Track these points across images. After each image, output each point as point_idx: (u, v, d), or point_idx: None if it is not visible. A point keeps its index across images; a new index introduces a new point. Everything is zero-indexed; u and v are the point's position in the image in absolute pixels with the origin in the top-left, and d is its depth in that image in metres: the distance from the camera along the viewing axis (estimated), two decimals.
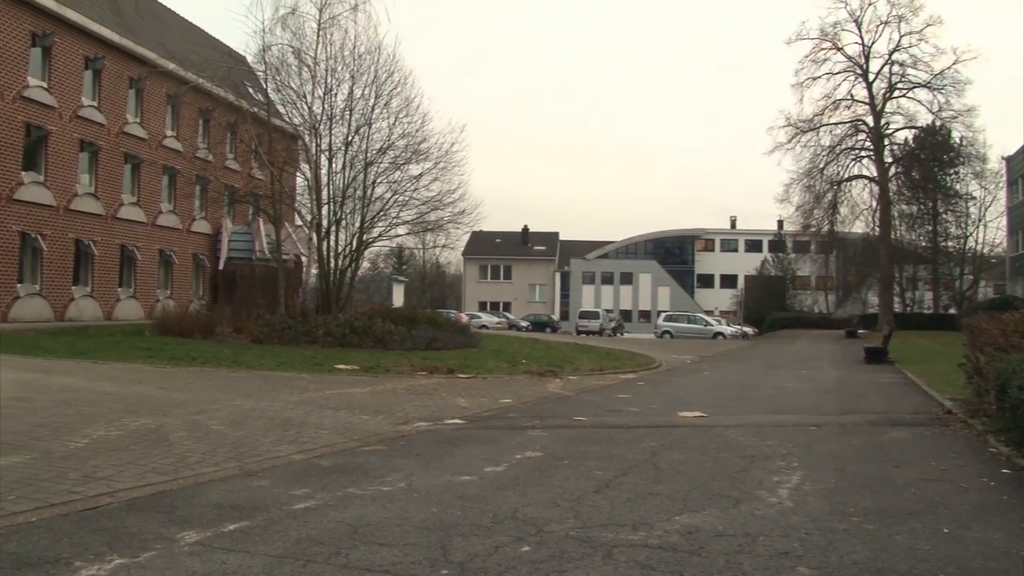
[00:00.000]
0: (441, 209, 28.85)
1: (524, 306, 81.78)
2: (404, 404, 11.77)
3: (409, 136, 27.95)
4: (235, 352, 18.99)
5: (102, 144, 31.60)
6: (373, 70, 27.34)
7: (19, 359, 15.65)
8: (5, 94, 27.00)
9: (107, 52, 31.51)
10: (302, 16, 26.48)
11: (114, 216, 32.48)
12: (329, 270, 26.86)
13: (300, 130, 28.40)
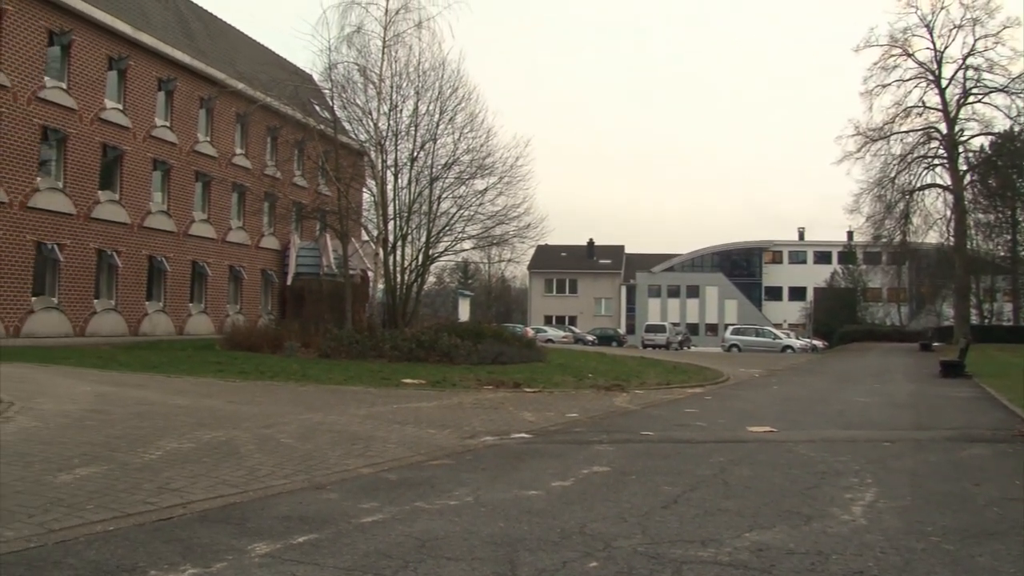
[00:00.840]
0: (506, 223, 28.97)
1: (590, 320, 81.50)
2: (471, 418, 11.79)
3: (474, 151, 28.16)
4: (303, 366, 19.22)
5: (174, 163, 32.38)
6: (437, 86, 27.61)
7: (96, 372, 16.05)
8: (84, 116, 27.84)
9: (179, 73, 32.31)
10: (367, 34, 26.87)
11: (186, 233, 33.21)
12: (395, 285, 27.09)
13: (366, 146, 28.76)
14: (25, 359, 17.81)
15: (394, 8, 26.48)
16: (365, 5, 26.52)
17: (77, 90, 27.65)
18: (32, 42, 25.95)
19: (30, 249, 26.01)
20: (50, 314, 26.71)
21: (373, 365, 20.57)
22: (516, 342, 26.07)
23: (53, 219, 26.78)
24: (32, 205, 25.95)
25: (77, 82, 27.67)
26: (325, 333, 23.88)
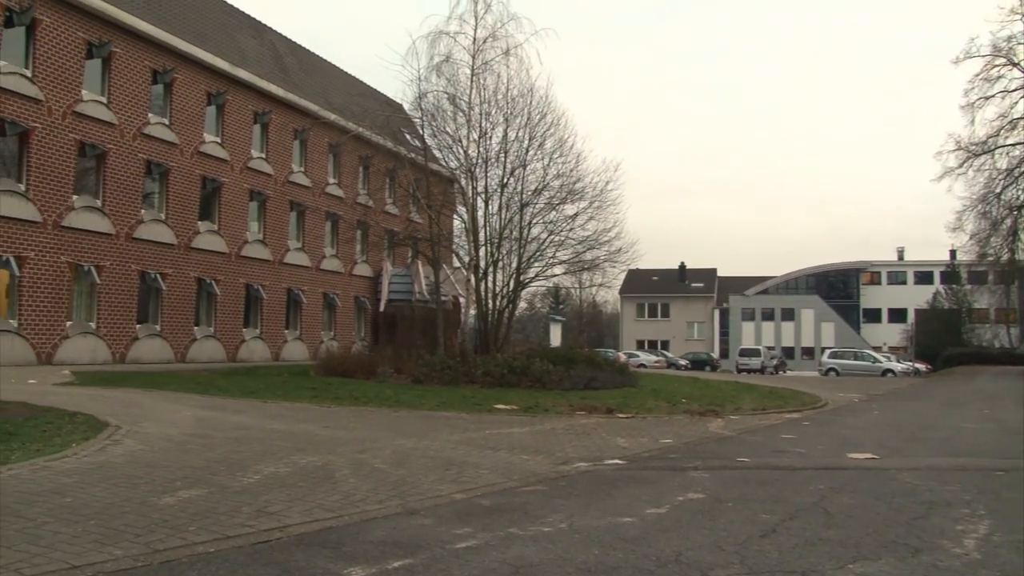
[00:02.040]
0: (597, 248, 28.81)
1: (682, 344, 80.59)
2: (563, 444, 11.71)
3: (564, 176, 28.12)
4: (396, 392, 19.37)
5: (270, 193, 33.24)
6: (526, 112, 27.69)
7: (196, 398, 16.46)
8: (185, 150, 28.83)
9: (274, 106, 33.24)
10: (456, 63, 27.15)
11: (281, 261, 34.01)
12: (487, 311, 27.17)
13: (457, 173, 29.00)
14: (130, 384, 18.39)
15: (482, 37, 26.74)
16: (453, 35, 26.85)
17: (178, 125, 28.68)
18: (137, 81, 27.03)
19: (135, 278, 26.98)
20: (153, 341, 27.61)
21: (465, 391, 20.62)
22: (608, 367, 25.85)
23: (156, 249, 27.74)
24: (137, 236, 26.94)
25: (178, 117, 28.70)
26: (418, 359, 24.05)
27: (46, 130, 23.91)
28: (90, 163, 25.78)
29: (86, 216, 25.21)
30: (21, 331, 23.15)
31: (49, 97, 24.00)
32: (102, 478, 7.82)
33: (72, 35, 24.77)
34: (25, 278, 23.30)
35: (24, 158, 23.57)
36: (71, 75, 24.73)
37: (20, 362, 22.69)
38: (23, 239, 23.25)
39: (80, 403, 13.65)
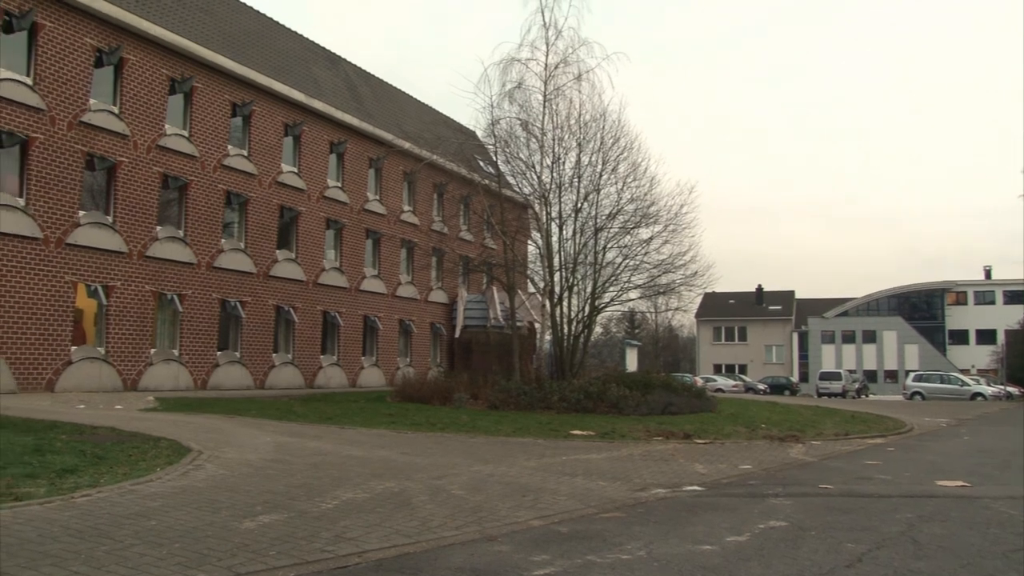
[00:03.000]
0: (672, 272, 28.55)
1: (760, 368, 79.30)
2: (641, 470, 11.56)
3: (638, 200, 27.98)
4: (472, 418, 19.38)
5: (346, 221, 33.75)
6: (599, 137, 27.64)
7: (275, 423, 16.68)
8: (263, 180, 29.47)
9: (349, 136, 33.80)
10: (528, 89, 27.26)
11: (357, 288, 34.44)
12: (562, 336, 27.08)
13: (530, 199, 29.06)
14: (211, 410, 18.75)
15: (553, 63, 26.81)
16: (525, 61, 26.98)
17: (257, 156, 29.34)
18: (217, 114, 27.76)
19: (215, 307, 27.57)
20: (233, 367, 28.15)
21: (541, 416, 20.55)
22: (685, 392, 25.54)
23: (236, 278, 28.33)
24: (217, 265, 27.56)
25: (257, 149, 29.37)
26: (493, 385, 24.05)
27: (132, 163, 24.68)
28: (173, 195, 26.51)
29: (169, 246, 25.89)
30: (108, 358, 23.82)
31: (135, 132, 24.79)
32: (185, 502, 7.95)
33: (156, 72, 25.57)
34: (112, 307, 24.00)
35: (111, 191, 24.36)
36: (155, 110, 25.52)
37: (107, 388, 23.35)
38: (110, 269, 23.96)
39: (164, 428, 13.95)
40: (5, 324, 21.14)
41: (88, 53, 23.58)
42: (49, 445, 11.09)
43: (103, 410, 17.79)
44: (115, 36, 24.22)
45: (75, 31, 23.21)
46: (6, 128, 21.39)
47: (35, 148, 22.08)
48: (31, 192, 22.03)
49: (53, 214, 22.46)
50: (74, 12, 23.12)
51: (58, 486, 8.39)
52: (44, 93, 22.35)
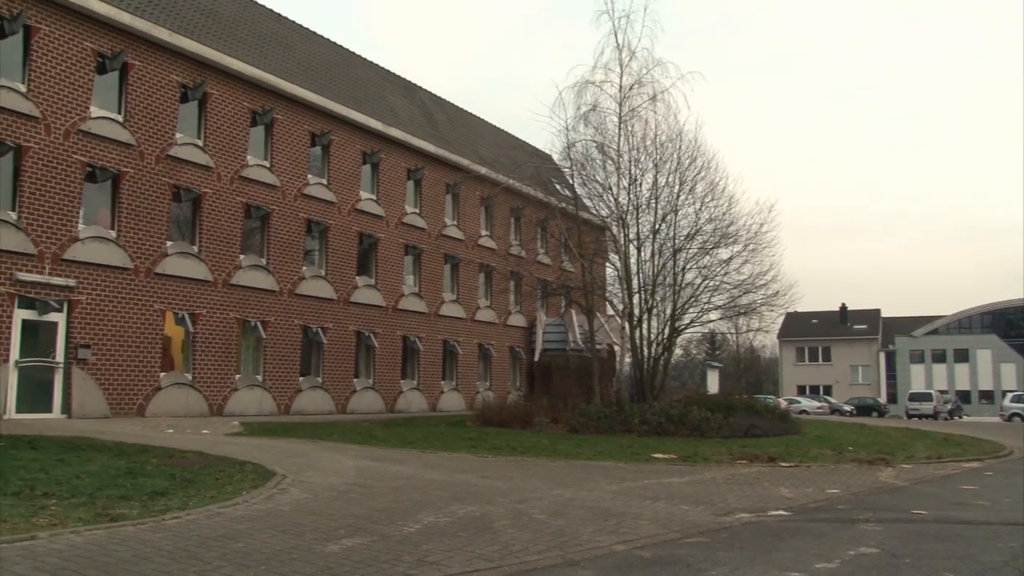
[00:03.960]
0: (753, 292, 28.16)
1: (846, 389, 77.47)
2: (724, 494, 11.36)
3: (716, 220, 27.70)
4: (553, 442, 19.31)
5: (424, 247, 34.07)
6: (676, 157, 27.46)
7: (357, 448, 16.85)
8: (342, 208, 29.96)
9: (426, 162, 34.18)
10: (603, 111, 27.23)
11: (436, 313, 34.69)
12: (642, 358, 26.86)
13: (608, 221, 28.97)
14: (295, 435, 19.02)
15: (628, 84, 26.75)
16: (599, 84, 26.98)
17: (336, 184, 29.85)
18: (297, 144, 28.35)
19: (298, 333, 28.03)
20: (315, 392, 28.55)
21: (622, 440, 20.39)
22: (769, 414, 25.07)
23: (317, 304, 28.78)
24: (299, 292, 28.04)
25: (336, 177, 29.88)
26: (573, 408, 23.95)
27: (216, 194, 25.32)
28: (255, 224, 27.09)
29: (252, 274, 26.45)
30: (195, 384, 24.38)
31: (219, 163, 25.45)
32: (270, 525, 8.06)
33: (238, 105, 26.24)
34: (198, 334, 24.59)
35: (197, 221, 25.01)
36: (238, 142, 26.18)
37: (194, 413, 23.88)
38: (196, 297, 24.57)
39: (249, 453, 14.20)
40: (99, 351, 21.80)
41: (174, 89, 24.33)
42: (141, 468, 11.39)
43: (190, 434, 18.20)
44: (199, 72, 24.95)
45: (162, 69, 23.98)
46: (99, 164, 22.17)
47: (125, 182, 22.82)
48: (122, 224, 22.76)
49: (143, 245, 23.16)
50: (161, 51, 23.88)
51: (150, 508, 8.61)
52: (134, 129, 23.11)
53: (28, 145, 20.62)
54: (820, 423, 32.20)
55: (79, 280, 21.50)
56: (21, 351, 20.32)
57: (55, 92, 21.28)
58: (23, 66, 20.91)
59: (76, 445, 13.81)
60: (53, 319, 21.05)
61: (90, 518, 7.94)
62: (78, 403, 21.15)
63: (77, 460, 11.92)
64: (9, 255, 20.08)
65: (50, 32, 21.28)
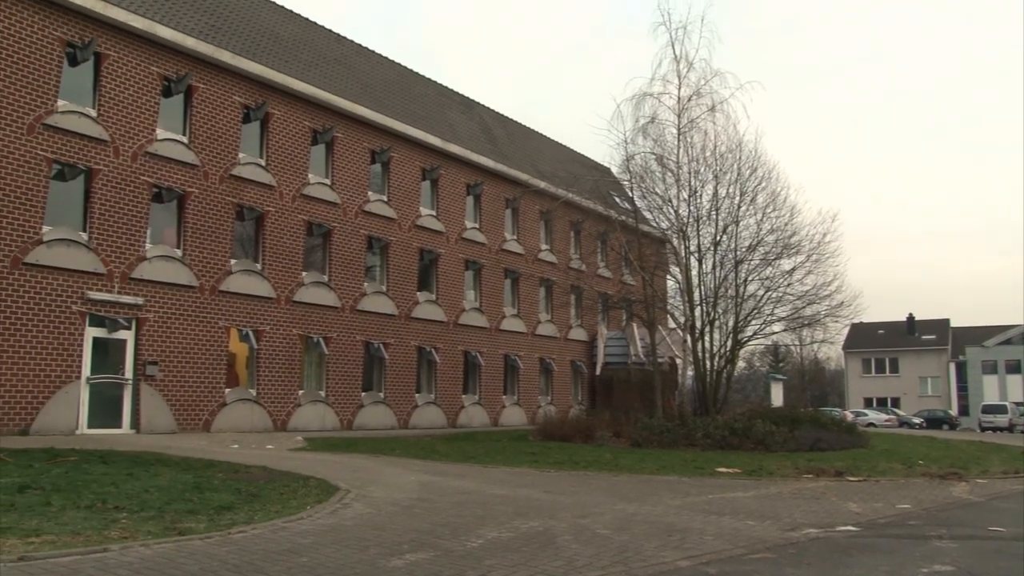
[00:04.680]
0: (817, 303, 27.75)
1: (914, 401, 75.78)
2: (791, 509, 11.16)
3: (778, 231, 27.37)
4: (615, 456, 19.19)
5: (484, 262, 34.17)
6: (736, 168, 27.24)
7: (419, 463, 16.89)
8: (402, 224, 30.20)
9: (485, 178, 34.32)
10: (662, 123, 27.10)
11: (497, 328, 34.74)
12: (705, 371, 26.60)
13: (668, 234, 28.80)
14: (357, 450, 19.15)
15: (686, 95, 26.59)
16: (657, 96, 26.86)
17: (396, 201, 30.11)
18: (357, 162, 28.68)
19: (360, 349, 28.28)
20: (377, 408, 28.75)
21: (685, 454, 20.18)
22: (835, 427, 24.63)
23: (379, 320, 29.01)
24: (360, 308, 28.30)
25: (396, 194, 30.15)
26: (636, 422, 23.80)
27: (278, 213, 25.70)
28: (317, 241, 27.43)
29: (314, 291, 26.76)
30: (259, 399, 24.72)
31: (280, 182, 25.84)
32: (335, 540, 8.10)
33: (299, 124, 26.64)
34: (262, 350, 24.94)
35: (259, 239, 25.41)
36: (299, 160, 26.56)
37: (259, 428, 24.20)
38: (260, 314, 24.93)
39: (312, 467, 14.32)
40: (166, 368, 22.23)
41: (237, 110, 24.80)
42: (207, 483, 11.55)
43: (255, 449, 18.43)
44: (261, 93, 25.40)
45: (225, 90, 24.46)
46: (165, 184, 22.68)
47: (190, 202, 23.30)
48: (187, 243, 23.22)
49: (207, 263, 23.59)
50: (224, 73, 24.38)
51: (216, 522, 8.71)
52: (198, 150, 23.60)
53: (98, 168, 21.19)
54: (888, 436, 31.54)
55: (147, 298, 21.98)
56: (92, 368, 20.84)
57: (123, 115, 21.85)
58: (93, 91, 21.55)
59: (145, 460, 14.06)
60: (122, 336, 21.55)
61: (159, 532, 8.06)
62: (146, 418, 21.59)
63: (146, 475, 12.13)
64: (80, 275, 20.62)
65: (119, 58, 21.87)
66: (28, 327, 19.57)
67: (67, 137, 20.64)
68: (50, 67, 20.48)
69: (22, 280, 19.56)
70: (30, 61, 20.08)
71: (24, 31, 20.02)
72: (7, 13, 19.73)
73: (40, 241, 19.96)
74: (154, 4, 23.31)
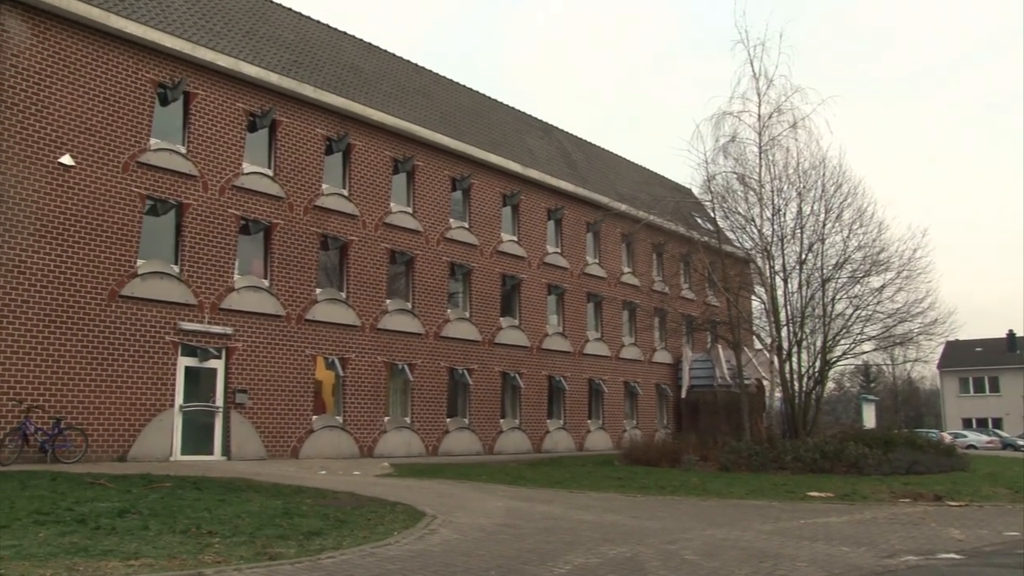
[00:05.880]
0: (909, 320, 26.98)
1: (1018, 422, 72.95)
2: (887, 535, 10.80)
3: (866, 247, 26.76)
4: (703, 480, 18.90)
5: (567, 286, 34.11)
6: (820, 184, 26.75)
7: (505, 488, 16.86)
8: (484, 250, 30.35)
9: (565, 202, 34.33)
10: (742, 142, 26.82)
11: (581, 352, 34.58)
12: (793, 393, 26.06)
13: (752, 253, 28.40)
14: (443, 476, 19.20)
15: (767, 113, 26.27)
16: (737, 114, 26.61)
17: (477, 227, 30.30)
18: (438, 189, 28.96)
19: (444, 375, 28.42)
20: (462, 434, 28.81)
21: (775, 477, 19.77)
22: (932, 449, 23.86)
23: (462, 346, 29.14)
24: (444, 334, 28.47)
25: (477, 220, 30.34)
26: (723, 445, 23.44)
27: (361, 242, 26.08)
28: (400, 269, 27.74)
29: (398, 318, 27.02)
30: (346, 426, 25.00)
31: (363, 211, 26.24)
32: (422, 565, 8.11)
33: (380, 154, 27.05)
34: (348, 378, 25.25)
35: (344, 268, 25.81)
36: (381, 190, 26.94)
37: (345, 455, 24.46)
38: (345, 342, 25.27)
39: (399, 493, 14.40)
40: (255, 396, 22.68)
41: (320, 142, 25.31)
42: (296, 508, 11.70)
43: (342, 476, 18.63)
44: (343, 125, 25.88)
45: (308, 123, 25.00)
46: (252, 217, 23.23)
47: (276, 233, 23.81)
48: (274, 273, 23.71)
49: (293, 293, 24.03)
50: (307, 107, 24.94)
51: (306, 547, 8.81)
52: (283, 182, 24.14)
53: (188, 202, 21.83)
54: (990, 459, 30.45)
55: (235, 328, 22.49)
56: (185, 396, 21.38)
57: (211, 151, 22.52)
58: (183, 129, 22.27)
59: (236, 486, 14.33)
60: (212, 365, 22.07)
61: (251, 556, 8.18)
62: (236, 445, 22.02)
63: (237, 500, 12.36)
64: (173, 306, 21.22)
65: (206, 96, 22.55)
66: (125, 357, 20.21)
67: (159, 174, 21.35)
68: (143, 107, 21.25)
69: (118, 312, 20.22)
70: (125, 103, 20.88)
71: (120, 75, 20.85)
72: (105, 59, 20.60)
73: (135, 274, 20.63)
74: (239, 43, 24.02)
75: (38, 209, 19.11)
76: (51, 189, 19.38)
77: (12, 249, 18.63)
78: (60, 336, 19.20)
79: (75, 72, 20.08)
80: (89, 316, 19.72)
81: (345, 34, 30.13)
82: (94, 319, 19.79)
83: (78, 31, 20.17)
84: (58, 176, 19.52)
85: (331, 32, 29.48)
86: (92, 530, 9.35)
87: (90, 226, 19.92)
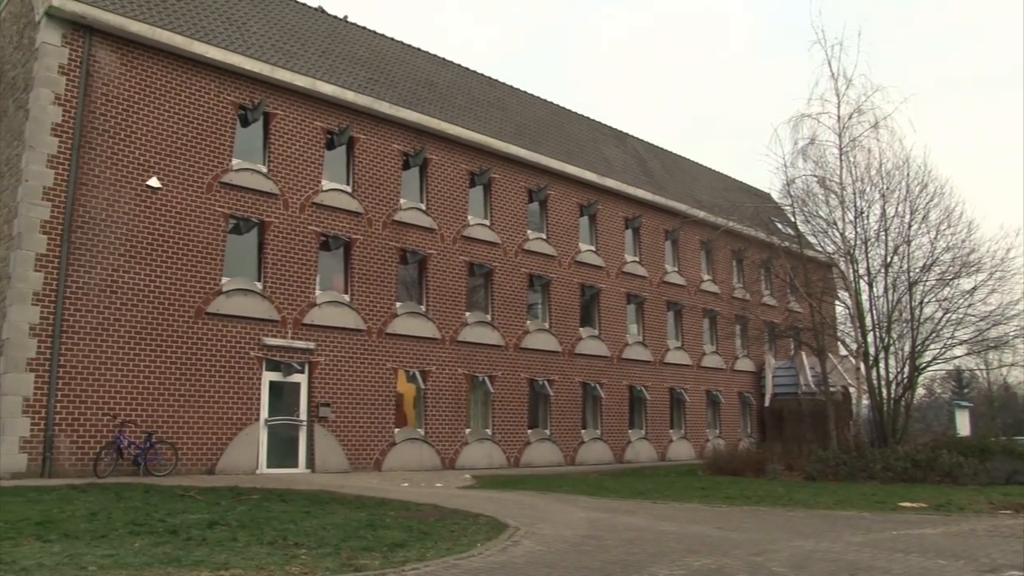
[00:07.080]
0: (1004, 323, 26.02)
1: None
2: (987, 548, 10.41)
3: (954, 248, 25.88)
4: (788, 490, 18.53)
5: (646, 295, 33.85)
6: (904, 185, 26.01)
7: (587, 499, 16.75)
8: (562, 261, 30.31)
9: (643, 210, 34.10)
10: (822, 144, 26.31)
11: (661, 361, 34.26)
12: (881, 400, 25.37)
13: (834, 257, 27.80)
14: (525, 487, 19.17)
15: (846, 114, 25.70)
16: (816, 116, 26.11)
17: (555, 238, 30.28)
18: (515, 201, 29.03)
19: (524, 386, 28.42)
20: (543, 445, 28.74)
21: (864, 487, 19.27)
22: None
23: (542, 357, 29.11)
24: (523, 346, 28.48)
25: (554, 230, 30.33)
26: (809, 454, 22.97)
27: (440, 255, 26.27)
28: (478, 281, 27.86)
29: (478, 330, 27.12)
30: (427, 438, 25.16)
31: (441, 225, 26.44)
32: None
33: (457, 167, 27.24)
34: (429, 390, 25.42)
35: (423, 282, 26.03)
36: (458, 203, 27.13)
37: (427, 467, 24.61)
38: (426, 355, 25.46)
39: (481, 505, 14.41)
40: (338, 409, 23.00)
41: (397, 158, 25.60)
42: (380, 520, 11.80)
43: (424, 488, 18.73)
44: (419, 139, 26.15)
45: (385, 139, 25.32)
46: (332, 233, 23.60)
47: (356, 248, 24.15)
48: (354, 288, 24.03)
49: (374, 307, 24.32)
50: (383, 123, 25.28)
51: (390, 559, 8.86)
52: (362, 198, 24.48)
53: (270, 220, 22.28)
54: None
55: (317, 343, 22.84)
56: (269, 410, 21.80)
57: (291, 169, 22.97)
58: (263, 149, 22.78)
59: (320, 499, 14.52)
60: (296, 380, 22.45)
61: (336, 568, 8.26)
62: (320, 458, 22.32)
63: (322, 512, 12.51)
64: (257, 322, 21.66)
65: (285, 116, 23.03)
66: (211, 373, 20.70)
67: (241, 193, 21.87)
68: (225, 129, 21.81)
69: (205, 329, 20.72)
70: (208, 125, 21.48)
71: (202, 98, 21.48)
72: (188, 83, 21.24)
73: (220, 291, 21.13)
74: (315, 63, 24.47)
75: (128, 231, 19.74)
76: (140, 211, 20.01)
77: (104, 270, 19.26)
78: (150, 353, 19.77)
79: (160, 98, 20.72)
80: (177, 333, 20.26)
81: (418, 50, 30.45)
82: (182, 336, 20.33)
83: (163, 58, 20.83)
84: (146, 198, 20.15)
85: (404, 48, 29.83)
86: (184, 541, 9.58)
87: (177, 246, 20.49)
